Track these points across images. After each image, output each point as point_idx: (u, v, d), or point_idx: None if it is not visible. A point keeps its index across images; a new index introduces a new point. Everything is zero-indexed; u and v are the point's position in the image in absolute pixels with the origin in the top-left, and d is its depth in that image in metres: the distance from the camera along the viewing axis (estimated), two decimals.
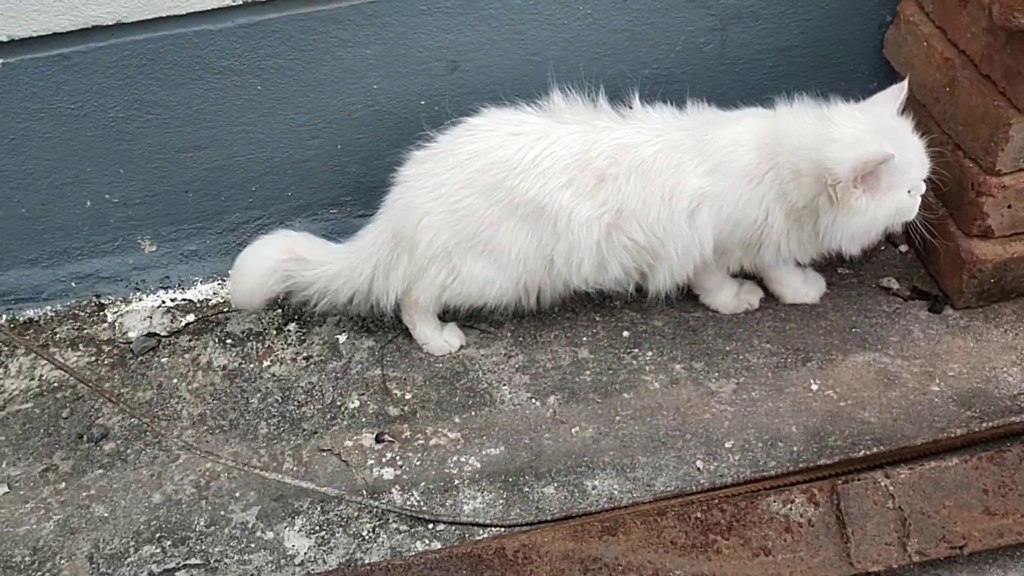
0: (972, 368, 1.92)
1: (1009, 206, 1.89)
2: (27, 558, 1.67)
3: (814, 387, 1.91)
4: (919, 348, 1.97)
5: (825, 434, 1.81)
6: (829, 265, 2.15)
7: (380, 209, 1.98)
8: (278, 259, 1.95)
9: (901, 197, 1.76)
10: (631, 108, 1.92)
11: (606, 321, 2.09)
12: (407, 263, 1.93)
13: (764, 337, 2.02)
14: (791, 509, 1.52)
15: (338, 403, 1.94)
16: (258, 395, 1.98)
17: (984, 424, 1.74)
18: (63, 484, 1.82)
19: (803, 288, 2.08)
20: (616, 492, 1.73)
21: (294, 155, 2.14)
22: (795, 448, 1.79)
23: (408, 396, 1.95)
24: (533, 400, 1.92)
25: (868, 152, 1.68)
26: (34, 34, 1.86)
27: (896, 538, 1.49)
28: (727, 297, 2.07)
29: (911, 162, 1.76)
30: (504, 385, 1.96)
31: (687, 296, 2.10)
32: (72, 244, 2.18)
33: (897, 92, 1.82)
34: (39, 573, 1.65)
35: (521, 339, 2.07)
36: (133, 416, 1.88)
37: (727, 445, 1.81)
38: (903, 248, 2.21)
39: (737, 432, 1.83)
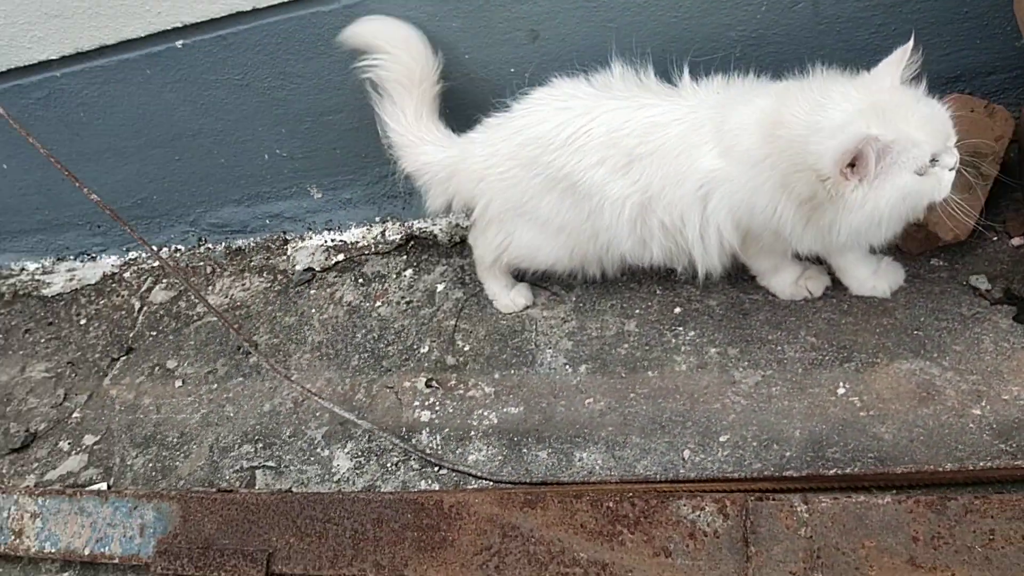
0: None
1: None
2: (175, 439, 2.28)
3: (840, 391, 1.82)
4: (981, 362, 1.76)
5: (827, 444, 1.74)
6: (923, 254, 1.95)
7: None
8: None
9: (906, 180, 1.56)
10: (682, 82, 1.89)
11: (664, 295, 2.13)
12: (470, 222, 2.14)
13: (813, 329, 1.94)
14: (699, 516, 1.55)
15: (414, 347, 2.27)
16: (362, 331, 2.37)
17: (986, 465, 1.56)
18: (215, 385, 2.39)
19: (871, 280, 1.92)
20: (598, 467, 1.86)
21: None
22: (787, 453, 1.76)
23: (467, 348, 2.21)
24: (567, 367, 2.08)
25: (847, 138, 1.53)
26: (198, 19, 2.31)
27: (801, 568, 1.46)
28: (784, 282, 1.99)
29: (913, 138, 1.54)
30: (549, 348, 2.13)
31: (751, 277, 2.05)
32: (262, 189, 2.70)
33: (900, 57, 1.59)
34: (177, 452, 2.24)
35: (581, 305, 2.20)
36: (245, 341, 2.37)
37: (721, 439, 1.83)
38: (1016, 242, 1.91)
39: (738, 427, 1.83)
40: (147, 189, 2.77)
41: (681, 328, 2.05)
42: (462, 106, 2.28)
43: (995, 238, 1.93)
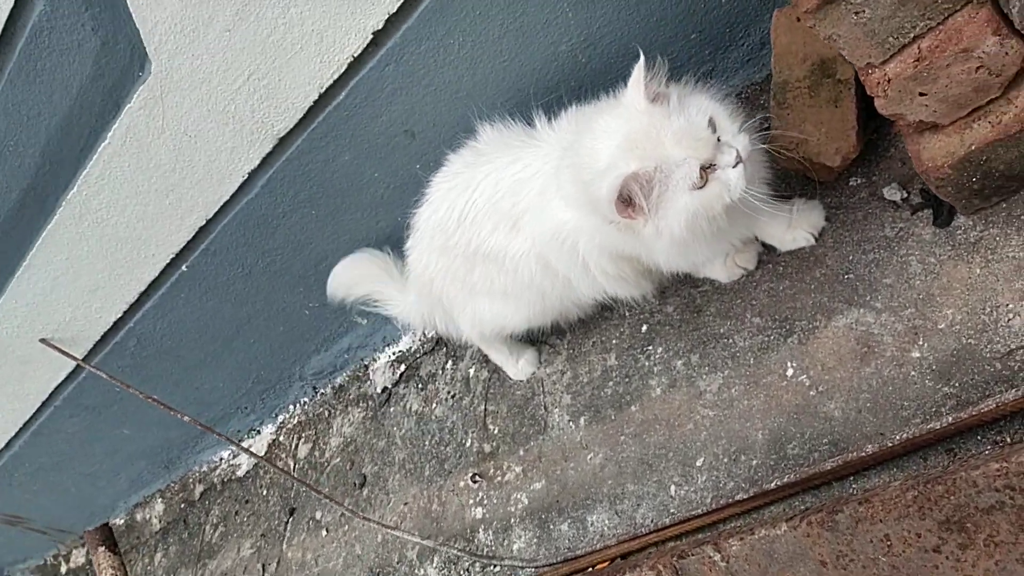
0: (969, 312, 1.47)
1: (921, 93, 1.35)
2: None
3: (789, 372, 1.70)
4: (912, 291, 1.56)
5: (787, 439, 1.65)
6: (840, 177, 1.75)
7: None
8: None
9: (686, 200, 1.45)
10: (538, 128, 1.87)
11: (632, 316, 2.10)
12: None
13: (756, 307, 1.82)
14: None
15: (463, 442, 2.43)
16: (428, 438, 2.57)
17: (905, 434, 1.40)
18: (346, 527, 2.73)
19: (789, 234, 1.77)
20: (606, 528, 1.91)
21: None
22: (754, 463, 1.69)
23: (496, 431, 2.33)
24: (570, 423, 2.12)
25: (611, 182, 1.45)
26: (178, 248, 2.65)
27: None
28: (717, 269, 1.88)
29: (673, 158, 1.43)
30: (555, 408, 2.19)
31: None
32: (322, 335, 3.00)
33: (637, 76, 1.46)
34: None
35: (572, 351, 2.22)
36: (321, 495, 2.67)
37: (698, 463, 1.79)
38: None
39: (710, 445, 1.78)
40: (251, 371, 3.19)
41: (650, 347, 2.01)
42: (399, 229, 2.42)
43: (897, 133, 1.67)
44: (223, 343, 3.04)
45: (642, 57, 1.47)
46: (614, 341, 2.11)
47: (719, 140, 1.44)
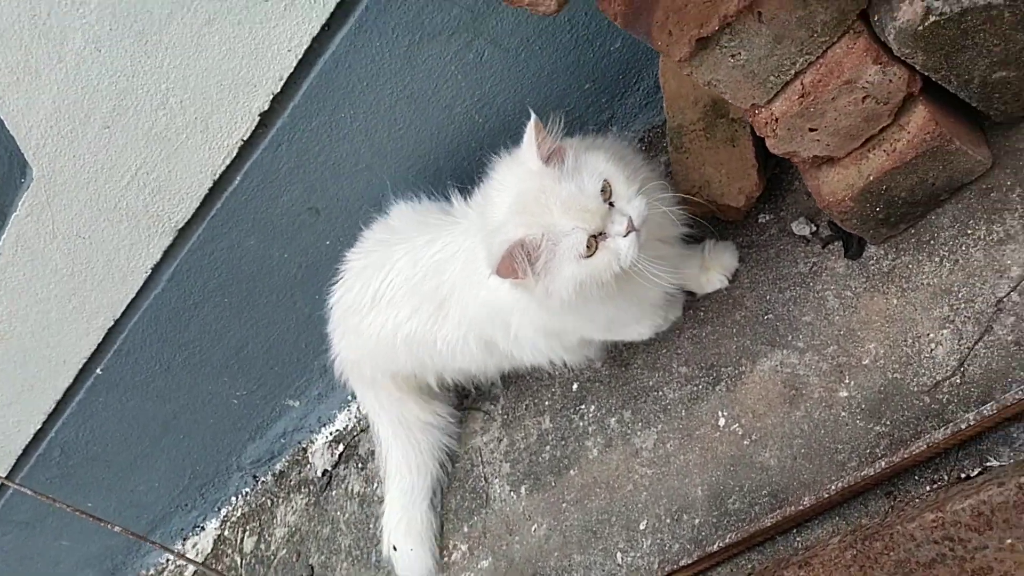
0: (891, 345, 1.42)
1: (811, 129, 1.31)
2: None
3: (722, 422, 1.64)
4: (833, 327, 1.51)
5: (726, 493, 1.58)
6: (748, 216, 1.71)
7: None
8: None
9: (572, 269, 1.37)
10: (455, 204, 1.80)
11: (562, 376, 2.02)
12: None
13: (682, 356, 1.75)
14: None
15: None
16: (372, 520, 2.46)
17: (841, 484, 1.34)
18: None
19: (703, 276, 1.71)
20: None
21: None
22: (697, 521, 1.62)
23: (439, 507, 2.22)
24: (512, 493, 2.03)
25: (498, 245, 1.38)
26: (89, 352, 2.53)
27: None
28: (645, 326, 1.81)
29: (559, 227, 1.36)
30: (495, 478, 2.10)
31: None
32: (254, 422, 2.88)
33: (530, 137, 1.39)
34: None
35: (506, 416, 2.14)
36: None
37: (641, 527, 1.71)
38: None
39: (651, 505, 1.71)
40: (186, 467, 3.05)
41: (583, 406, 1.94)
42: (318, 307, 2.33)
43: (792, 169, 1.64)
44: (151, 442, 2.90)
45: (533, 116, 1.40)
46: (547, 403, 2.03)
47: (612, 206, 1.37)
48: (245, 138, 1.94)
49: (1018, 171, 1.34)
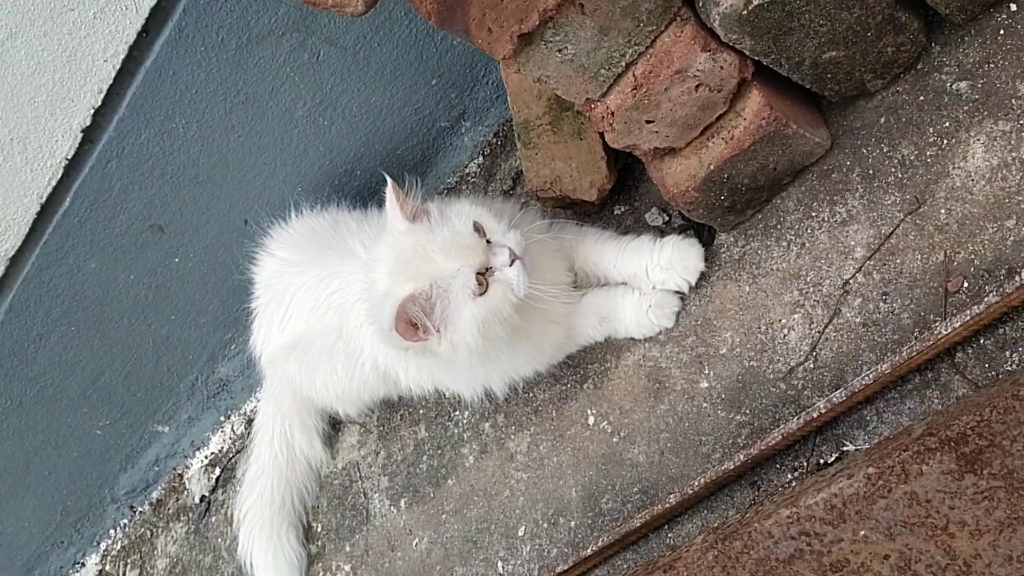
0: (746, 333, 1.41)
1: (648, 121, 1.27)
2: None
3: (591, 420, 1.60)
4: (690, 317, 1.49)
5: (600, 493, 1.55)
6: (603, 208, 1.67)
7: None
8: None
9: (471, 310, 1.33)
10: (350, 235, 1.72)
11: None
12: None
13: None
14: None
15: None
16: None
17: (704, 479, 1.32)
18: None
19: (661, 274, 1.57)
20: None
21: None
22: (573, 524, 1.58)
23: (320, 528, 2.13)
24: (392, 508, 1.96)
25: (389, 310, 1.34)
26: None
27: None
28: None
29: (445, 271, 1.33)
30: (375, 493, 2.02)
31: None
32: (123, 452, 2.72)
33: (392, 200, 1.38)
34: None
35: (382, 428, 2.06)
36: None
37: (520, 533, 1.67)
38: None
39: (528, 511, 1.67)
40: (55, 504, 2.86)
41: (457, 412, 1.88)
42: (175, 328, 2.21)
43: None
44: (14, 482, 2.71)
45: (389, 181, 1.38)
46: (421, 411, 1.96)
47: (489, 243, 1.35)
48: (69, 156, 1.80)
49: (856, 151, 1.33)
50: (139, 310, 2.21)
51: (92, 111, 1.72)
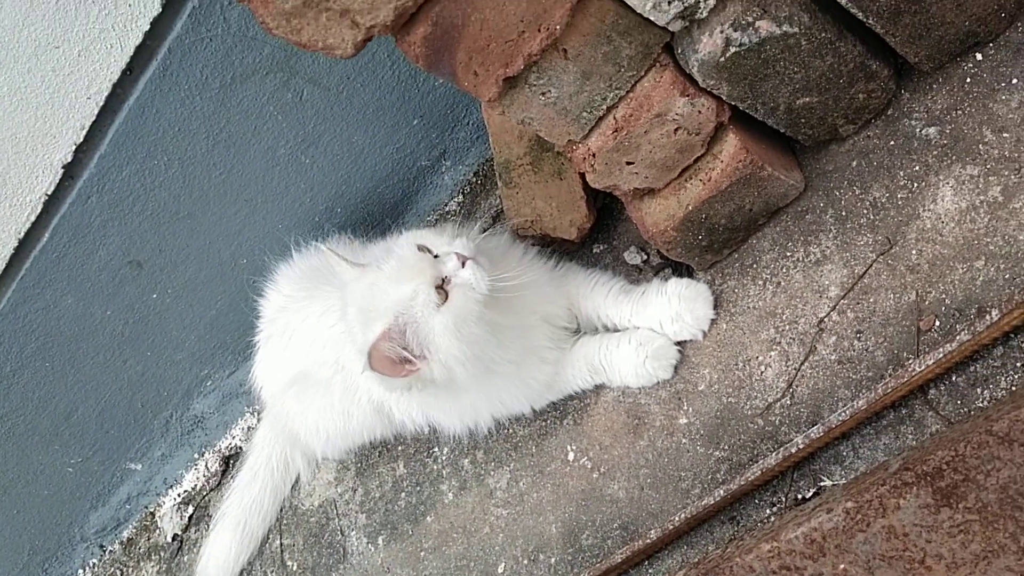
0: (724, 370, 1.43)
1: (628, 162, 1.30)
2: None
3: (571, 456, 1.62)
4: None
5: (580, 529, 1.56)
6: (583, 247, 1.70)
7: None
8: None
9: (440, 321, 1.35)
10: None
11: None
12: None
13: None
14: None
15: None
16: None
17: (684, 515, 1.33)
18: None
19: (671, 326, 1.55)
20: None
21: None
22: (553, 560, 1.59)
23: (295, 567, 2.12)
24: (369, 546, 1.95)
25: (368, 359, 1.36)
26: None
27: None
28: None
29: (404, 296, 1.35)
30: (352, 530, 2.01)
31: None
32: (95, 490, 2.68)
33: (331, 259, 1.48)
34: None
35: (360, 464, 2.06)
36: None
37: (500, 571, 1.67)
38: None
39: (508, 547, 1.67)
40: (24, 544, 2.80)
41: (435, 448, 1.88)
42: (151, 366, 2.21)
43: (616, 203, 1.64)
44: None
45: (323, 245, 1.51)
46: (400, 448, 1.96)
47: (436, 257, 1.38)
48: (49, 192, 1.80)
49: (829, 193, 1.37)
50: (115, 346, 2.19)
51: (74, 147, 1.72)
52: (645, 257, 1.59)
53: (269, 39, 1.64)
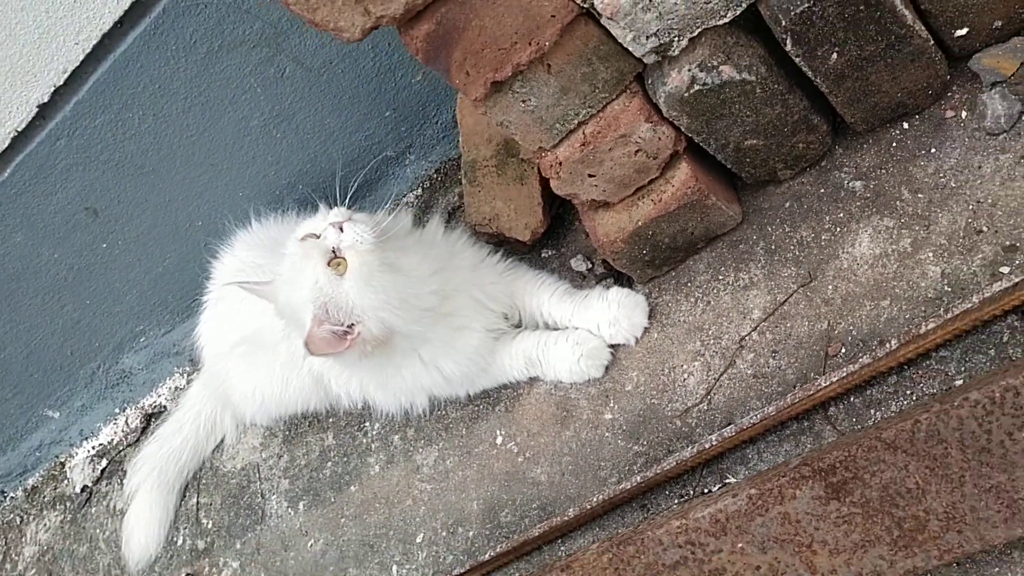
0: (651, 374, 1.57)
1: (591, 175, 1.43)
2: None
3: (499, 440, 1.73)
4: None
5: (500, 507, 1.67)
6: (533, 250, 1.82)
7: None
8: None
9: (349, 282, 1.46)
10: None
11: None
12: None
13: None
14: None
15: (174, 540, 2.23)
16: None
17: (601, 496, 1.47)
18: None
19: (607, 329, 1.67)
20: None
21: None
22: (471, 534, 1.70)
23: (210, 524, 2.17)
24: (289, 510, 2.02)
25: (313, 338, 1.48)
26: None
27: None
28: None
29: (310, 282, 1.48)
30: (272, 495, 2.08)
31: None
32: (10, 432, 2.66)
33: (247, 290, 1.64)
34: None
35: (288, 433, 2.13)
36: None
37: (418, 540, 1.77)
38: None
39: (428, 520, 1.77)
40: None
41: (367, 423, 1.97)
42: (87, 314, 2.21)
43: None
44: None
45: (236, 285, 1.66)
46: (331, 420, 2.05)
47: (319, 237, 1.50)
48: (20, 128, 1.83)
49: (762, 227, 1.53)
50: (55, 290, 2.21)
51: (52, 88, 1.76)
52: (590, 266, 1.73)
53: (262, 13, 1.73)
